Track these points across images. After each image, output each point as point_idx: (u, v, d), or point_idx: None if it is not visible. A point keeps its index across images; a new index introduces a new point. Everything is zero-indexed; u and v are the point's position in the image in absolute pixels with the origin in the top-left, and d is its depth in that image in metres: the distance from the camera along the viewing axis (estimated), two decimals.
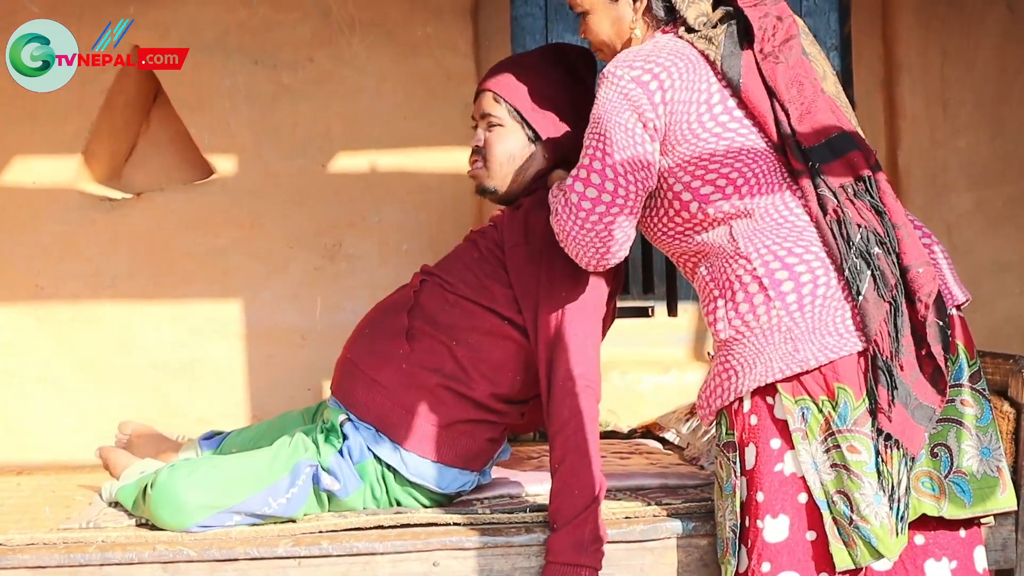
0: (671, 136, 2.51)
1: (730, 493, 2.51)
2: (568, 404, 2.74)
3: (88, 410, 3.90)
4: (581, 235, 2.54)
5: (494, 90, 3.01)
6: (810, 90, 2.54)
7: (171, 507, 2.74)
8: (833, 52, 4.37)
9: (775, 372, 2.40)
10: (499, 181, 3.03)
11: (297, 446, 2.88)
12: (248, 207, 3.97)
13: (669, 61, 2.52)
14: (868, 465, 2.37)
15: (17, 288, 3.92)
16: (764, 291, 2.43)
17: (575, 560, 2.64)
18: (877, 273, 2.41)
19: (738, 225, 2.51)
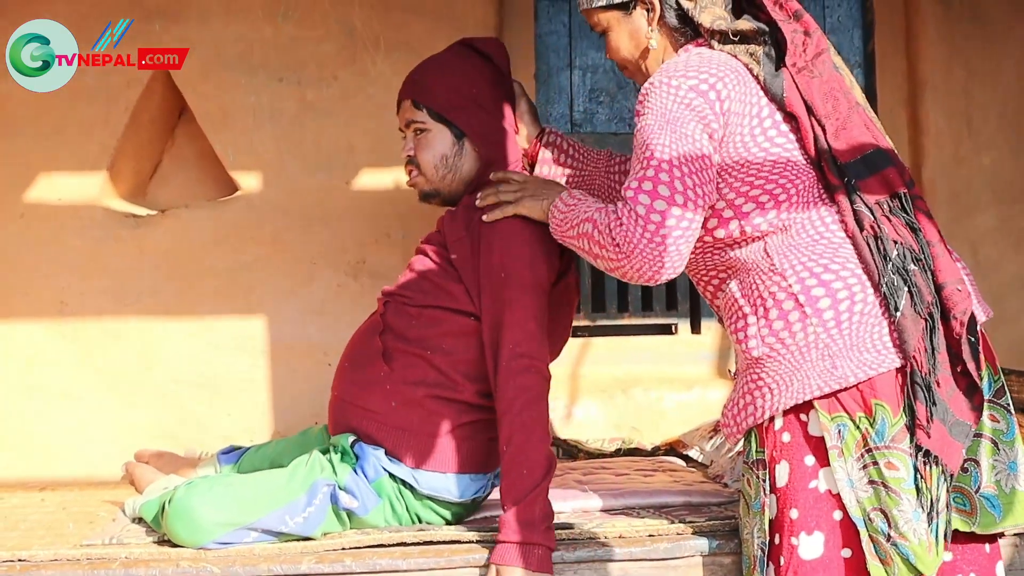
0: (724, 148, 2.47)
1: (758, 511, 2.49)
2: (512, 384, 2.72)
3: (112, 426, 3.90)
4: (650, 249, 2.39)
5: (411, 97, 3.01)
6: (845, 105, 2.51)
7: (187, 524, 2.72)
8: (857, 69, 4.36)
9: (812, 389, 2.37)
10: (437, 184, 3.03)
11: (314, 466, 2.87)
12: (272, 224, 3.97)
13: (721, 72, 2.48)
14: (906, 482, 2.34)
15: (42, 304, 3.91)
16: (800, 308, 2.40)
17: (527, 538, 2.61)
18: (914, 290, 2.38)
19: (773, 241, 2.48)
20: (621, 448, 3.91)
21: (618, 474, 3.43)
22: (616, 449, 3.90)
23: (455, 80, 3.00)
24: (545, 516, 2.65)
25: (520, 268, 2.80)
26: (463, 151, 3.00)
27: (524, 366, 2.73)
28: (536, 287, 2.80)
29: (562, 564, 2.72)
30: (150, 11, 3.92)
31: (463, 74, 3.02)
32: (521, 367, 2.73)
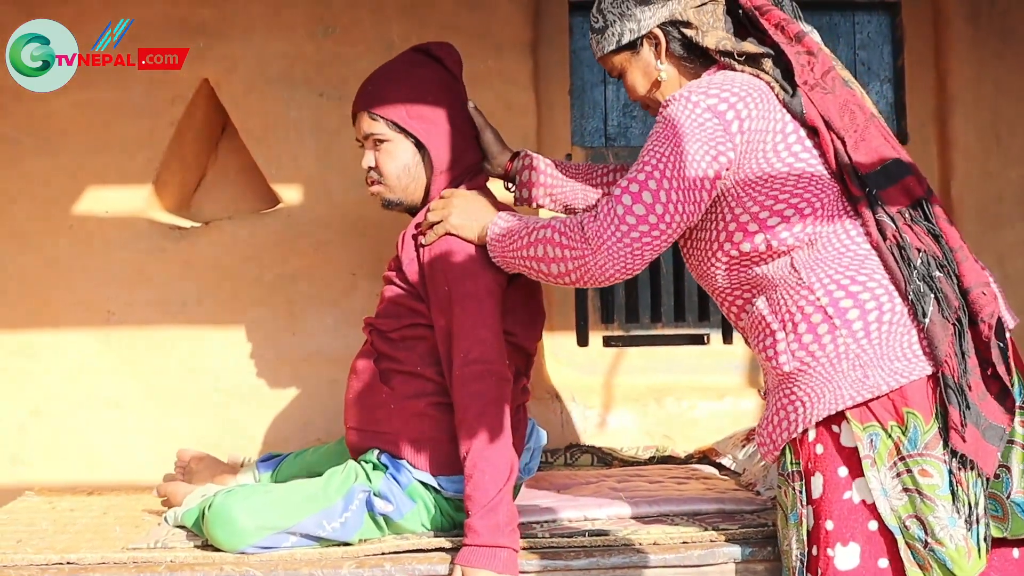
0: (745, 165, 2.48)
1: (796, 522, 2.48)
2: (466, 391, 2.72)
3: (157, 432, 3.91)
4: (617, 248, 2.45)
5: (367, 109, 3.00)
6: (861, 117, 2.52)
7: (226, 528, 2.74)
8: (886, 84, 4.35)
9: (845, 400, 2.36)
10: (400, 194, 3.04)
11: (349, 473, 2.89)
12: (313, 236, 3.98)
13: (744, 91, 2.49)
14: (941, 488, 2.32)
15: (89, 314, 3.94)
16: (829, 320, 2.39)
17: (493, 541, 2.61)
18: (940, 296, 2.37)
19: (799, 256, 2.48)
20: (655, 456, 3.90)
21: (652, 482, 3.44)
22: (650, 457, 3.89)
23: (410, 89, 2.98)
24: (510, 519, 2.65)
25: (461, 279, 2.79)
26: (424, 159, 2.99)
27: (477, 372, 2.73)
28: (480, 294, 2.79)
29: (598, 570, 2.73)
30: (195, 28, 3.95)
31: (418, 80, 3.00)
32: (474, 373, 2.73)
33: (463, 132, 3.03)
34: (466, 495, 2.67)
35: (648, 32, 2.67)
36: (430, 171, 3.00)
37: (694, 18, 2.64)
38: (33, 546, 2.86)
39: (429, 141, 2.96)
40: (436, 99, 3.00)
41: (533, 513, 3.05)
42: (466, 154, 3.04)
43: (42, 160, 3.92)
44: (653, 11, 2.65)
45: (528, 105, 4.05)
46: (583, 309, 4.21)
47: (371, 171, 3.03)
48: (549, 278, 2.63)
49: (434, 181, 3.00)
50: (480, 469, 2.66)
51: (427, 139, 2.96)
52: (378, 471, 2.88)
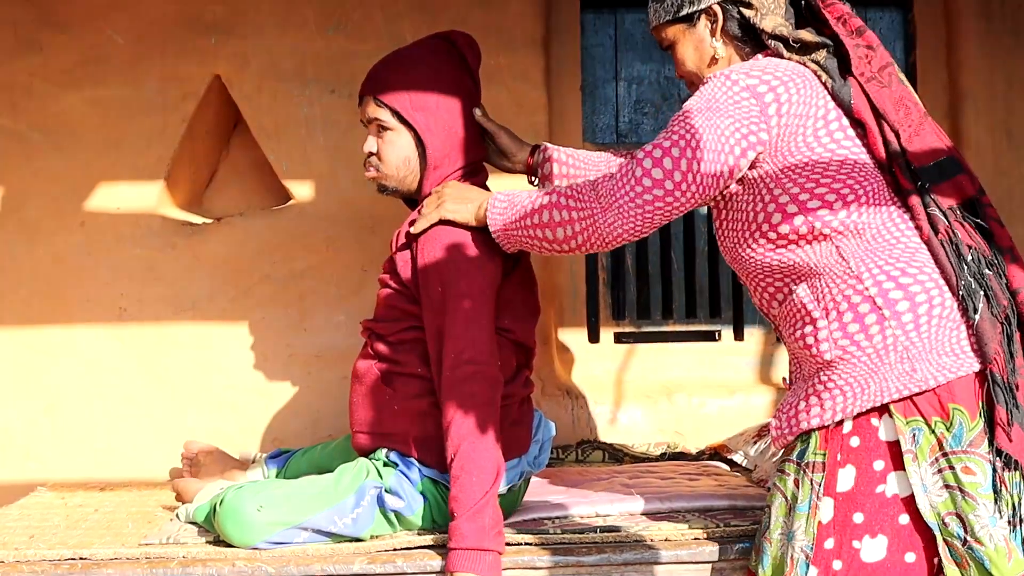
0: (783, 147, 2.47)
1: (806, 512, 2.44)
2: (457, 392, 2.71)
3: (168, 428, 3.91)
4: (629, 207, 2.48)
5: (375, 95, 2.97)
6: (916, 113, 2.51)
7: (237, 523, 2.74)
8: None
9: (891, 392, 2.34)
10: (397, 183, 3.02)
11: (360, 469, 2.88)
12: (324, 232, 3.98)
13: (787, 76, 2.48)
14: (984, 487, 2.31)
15: (101, 310, 3.94)
16: (878, 310, 2.37)
17: (477, 545, 2.61)
18: (990, 293, 2.37)
19: (847, 244, 2.44)
20: (666, 452, 3.90)
21: (664, 478, 3.43)
22: (661, 453, 3.90)
23: (422, 79, 2.95)
24: (495, 522, 2.65)
25: (454, 280, 2.78)
26: (424, 152, 2.96)
27: (469, 373, 2.72)
28: (474, 295, 2.78)
29: (609, 566, 2.73)
30: (207, 25, 3.95)
31: (432, 72, 2.97)
32: (465, 375, 2.72)
33: (467, 128, 3.01)
34: (452, 497, 2.66)
35: (707, 7, 2.64)
36: (425, 165, 2.97)
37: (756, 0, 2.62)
38: (45, 542, 2.87)
39: (426, 135, 2.94)
40: (444, 92, 2.97)
41: (544, 509, 3.05)
42: (466, 151, 3.01)
43: (54, 157, 3.93)
44: None
45: (539, 102, 4.04)
46: (594, 306, 4.21)
47: (371, 156, 3.01)
48: (554, 245, 2.64)
49: (427, 176, 2.97)
50: (467, 471, 2.65)
51: (425, 132, 2.94)
52: (389, 468, 2.88)
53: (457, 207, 2.82)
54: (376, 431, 2.93)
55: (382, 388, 2.93)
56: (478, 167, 3.07)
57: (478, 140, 3.05)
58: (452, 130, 2.96)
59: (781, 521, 2.51)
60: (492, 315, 2.82)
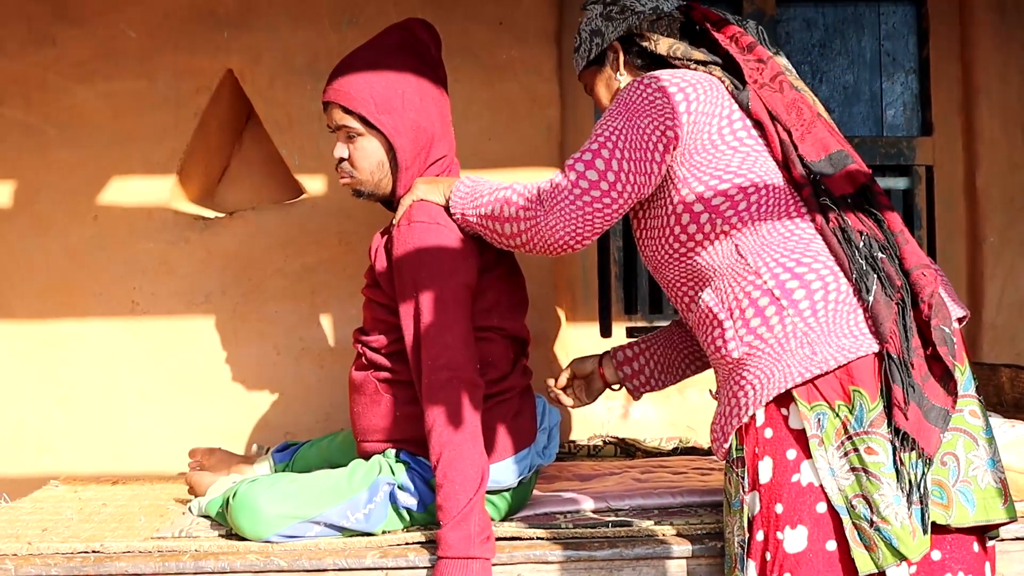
0: (691, 144, 2.60)
1: (738, 509, 2.51)
2: (436, 399, 2.70)
3: (181, 422, 3.94)
4: (569, 211, 2.59)
5: (339, 102, 2.94)
6: (808, 114, 2.65)
7: (250, 516, 2.75)
8: (911, 75, 4.33)
9: (794, 376, 2.40)
10: (372, 187, 3.00)
11: (373, 465, 2.89)
12: (336, 226, 3.99)
13: (695, 79, 2.66)
14: (886, 466, 2.35)
15: (114, 304, 3.96)
16: (776, 301, 2.45)
17: (465, 553, 2.60)
18: (883, 275, 2.43)
19: (745, 241, 2.54)
20: (678, 447, 3.90)
21: (676, 473, 3.44)
22: (673, 448, 3.89)
23: (382, 82, 2.92)
24: (481, 529, 2.64)
25: (428, 284, 2.77)
26: (395, 154, 2.94)
27: (444, 379, 2.71)
28: (446, 299, 2.77)
29: (621, 561, 2.73)
30: (220, 19, 3.96)
31: (390, 74, 2.94)
32: (442, 381, 2.71)
33: (434, 124, 2.98)
34: (437, 505, 2.66)
35: (609, 45, 2.87)
36: (396, 167, 2.95)
37: (648, 30, 2.84)
38: (58, 535, 2.88)
39: (395, 138, 2.91)
40: (408, 89, 2.93)
41: (556, 504, 3.05)
42: (436, 147, 2.99)
43: (67, 150, 3.94)
44: (615, 26, 2.85)
45: (552, 96, 4.03)
46: (606, 300, 4.21)
47: (343, 162, 2.99)
48: (503, 239, 2.74)
49: (400, 177, 2.95)
50: (450, 479, 2.65)
51: (393, 135, 2.91)
52: (400, 465, 2.89)
53: (428, 189, 2.88)
54: (382, 439, 2.94)
55: (382, 396, 2.93)
56: (449, 162, 3.05)
57: (447, 133, 3.03)
58: (420, 127, 2.94)
59: (727, 520, 2.59)
60: (468, 317, 2.82)
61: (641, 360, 3.21)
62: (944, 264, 4.16)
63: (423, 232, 2.81)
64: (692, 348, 3.18)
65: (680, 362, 3.20)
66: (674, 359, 3.20)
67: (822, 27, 4.34)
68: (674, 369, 3.21)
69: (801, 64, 4.32)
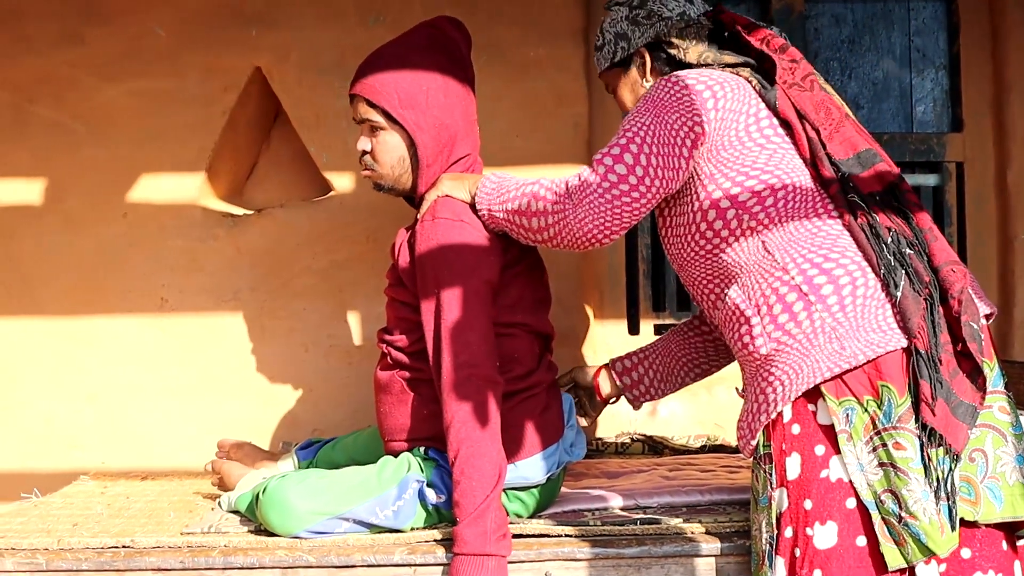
0: (718, 141, 2.64)
1: (765, 505, 2.54)
2: (454, 396, 2.72)
3: (209, 419, 3.97)
4: (597, 204, 2.62)
5: (364, 95, 2.97)
6: (836, 114, 2.68)
7: (280, 512, 2.78)
8: (942, 71, 4.33)
9: (823, 371, 2.42)
10: (392, 181, 3.04)
11: (402, 461, 2.91)
12: (364, 223, 4.01)
13: (721, 78, 2.71)
14: (914, 461, 2.37)
15: (143, 301, 3.99)
16: (804, 297, 2.48)
17: (481, 550, 2.63)
18: (911, 271, 2.46)
19: (772, 238, 2.58)
20: (706, 445, 3.91)
21: (704, 470, 3.46)
22: (701, 446, 3.91)
23: (407, 78, 2.95)
24: (497, 526, 2.67)
25: (449, 281, 2.80)
26: (416, 150, 2.96)
27: (464, 377, 2.73)
28: (467, 296, 2.79)
29: (649, 559, 2.75)
30: (248, 17, 3.99)
31: (416, 70, 2.96)
32: (462, 378, 2.74)
33: (458, 122, 3.00)
34: (454, 501, 2.69)
35: (636, 51, 2.91)
36: (417, 163, 2.98)
37: (677, 38, 2.87)
38: (89, 530, 2.92)
39: (417, 134, 2.94)
40: (433, 87, 2.96)
41: (584, 501, 3.08)
42: (459, 146, 3.01)
43: (96, 148, 3.97)
44: (642, 31, 2.89)
45: (579, 93, 4.05)
46: (634, 297, 4.22)
47: (365, 155, 3.03)
48: (530, 234, 2.76)
49: (421, 174, 2.98)
50: (467, 475, 2.67)
51: (415, 131, 2.94)
52: (429, 462, 2.91)
53: (453, 185, 2.91)
54: (410, 437, 2.97)
55: (409, 396, 2.96)
56: (472, 161, 3.08)
57: (471, 132, 3.06)
58: (443, 125, 2.96)
59: (753, 517, 2.62)
60: (489, 315, 2.84)
61: (640, 369, 3.28)
62: (974, 261, 4.16)
63: (447, 228, 2.84)
64: (691, 356, 3.25)
65: (679, 370, 3.27)
66: (673, 367, 3.26)
67: (851, 23, 4.34)
68: (674, 377, 3.27)
69: (830, 60, 4.32)
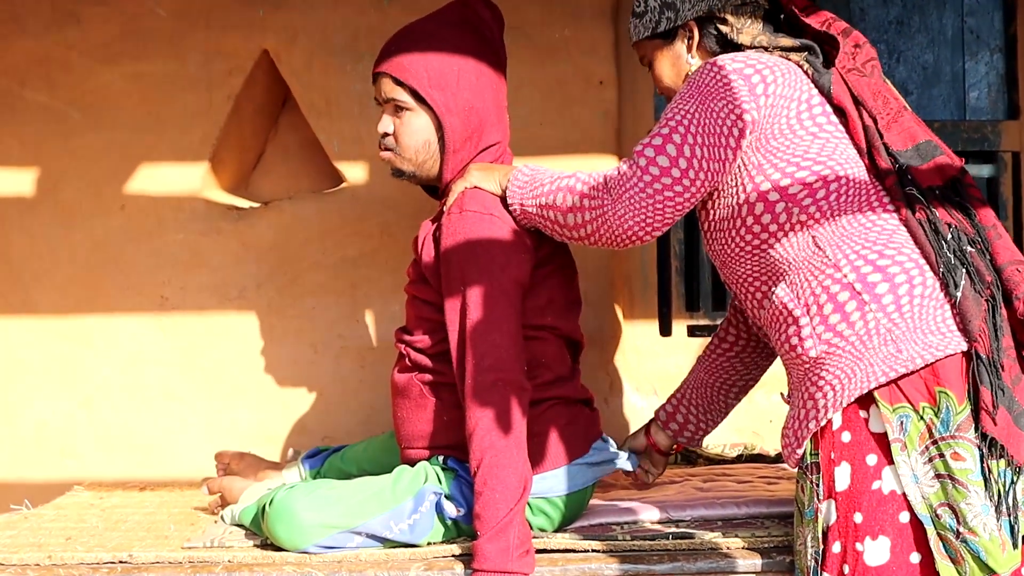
0: (768, 130, 2.59)
1: (811, 518, 2.49)
2: (479, 401, 2.68)
3: (212, 424, 3.94)
4: (639, 199, 2.57)
5: (391, 73, 2.94)
6: (895, 104, 2.64)
7: (288, 525, 2.74)
8: (997, 54, 4.28)
9: (878, 376, 2.37)
10: (414, 167, 3.00)
11: (419, 472, 2.87)
12: (378, 217, 3.97)
13: (772, 62, 2.65)
14: (974, 473, 2.32)
15: (142, 299, 3.96)
16: (857, 296, 2.42)
17: (502, 567, 2.59)
18: (972, 270, 2.41)
19: (823, 232, 2.52)
20: (743, 454, 3.88)
21: (740, 481, 3.42)
22: (738, 455, 3.87)
23: (438, 56, 2.92)
24: (520, 541, 2.63)
25: (476, 279, 2.76)
26: (444, 134, 2.94)
27: (490, 381, 2.70)
28: (495, 295, 2.76)
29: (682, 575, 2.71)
30: None
31: (447, 49, 2.94)
32: (488, 383, 2.70)
33: (489, 106, 2.98)
34: (475, 514, 2.65)
35: (684, 23, 2.83)
36: (444, 148, 2.95)
37: (731, 16, 2.79)
38: (83, 544, 2.88)
39: (446, 116, 2.91)
40: (464, 68, 2.94)
41: (613, 514, 3.04)
42: (487, 132, 2.99)
43: (92, 136, 3.94)
44: (694, 3, 2.81)
45: (609, 77, 3.99)
46: (666, 297, 4.17)
47: (387, 137, 3.00)
48: (564, 230, 2.72)
49: (447, 161, 2.96)
50: (490, 486, 2.63)
51: (444, 113, 2.91)
52: (448, 473, 2.87)
53: (482, 176, 2.88)
54: (429, 445, 2.93)
55: (429, 400, 2.92)
56: (502, 150, 3.05)
57: (501, 119, 3.03)
58: (473, 109, 2.93)
59: (798, 531, 2.57)
60: (517, 316, 2.80)
61: (683, 409, 3.24)
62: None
63: (475, 222, 2.79)
64: (723, 379, 3.21)
65: (718, 397, 3.22)
66: (712, 396, 3.22)
67: (899, 2, 4.30)
68: (717, 405, 3.23)
69: (877, 43, 4.27)
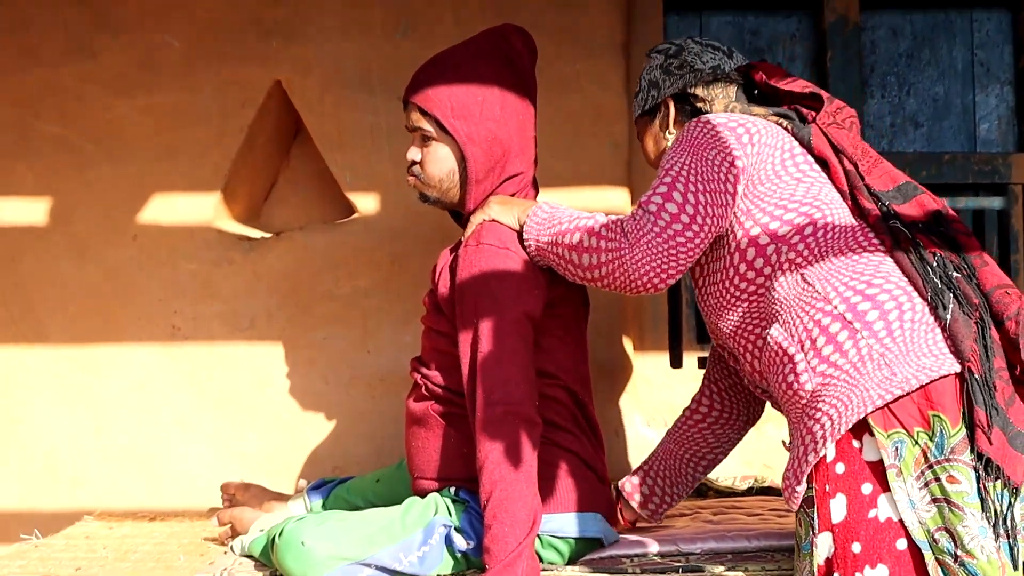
0: (754, 176, 2.69)
1: (807, 552, 2.47)
2: (489, 434, 2.68)
3: (223, 454, 3.94)
4: (655, 244, 2.61)
5: (418, 103, 2.97)
6: (874, 154, 2.73)
7: (297, 556, 2.73)
8: (1007, 87, 4.29)
9: (874, 399, 2.37)
10: (439, 194, 3.03)
11: (429, 504, 2.87)
12: (389, 247, 3.98)
13: (752, 119, 2.78)
14: (970, 495, 2.32)
15: (153, 328, 3.97)
16: (848, 325, 2.44)
17: None
18: (959, 294, 2.44)
19: (811, 270, 2.56)
20: (753, 487, 3.87)
21: (751, 514, 3.41)
22: (748, 488, 3.86)
23: (462, 86, 2.95)
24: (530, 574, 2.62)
25: (489, 312, 2.77)
26: (467, 163, 2.95)
27: (501, 414, 2.70)
28: (514, 328, 2.77)
29: None
30: (268, 28, 3.97)
31: (473, 79, 2.96)
32: (498, 415, 2.70)
33: (512, 138, 2.99)
34: (484, 547, 2.64)
35: (662, 100, 2.98)
36: (467, 178, 2.97)
37: (703, 92, 2.93)
38: (93, 574, 2.88)
39: (468, 147, 2.93)
40: (488, 99, 2.95)
41: (622, 546, 3.03)
42: (511, 162, 3.00)
43: (105, 167, 3.96)
44: (672, 82, 2.96)
45: (620, 110, 4.00)
46: (677, 329, 4.18)
47: (414, 165, 3.03)
48: (578, 271, 2.74)
49: (470, 190, 2.98)
50: (499, 520, 2.63)
51: (467, 144, 2.93)
52: (459, 505, 2.87)
53: (501, 210, 2.91)
54: (441, 476, 2.94)
55: (445, 431, 2.93)
56: (526, 181, 3.06)
57: (526, 149, 3.04)
58: (495, 139, 2.95)
59: (796, 565, 2.57)
60: (529, 350, 2.81)
61: (648, 481, 3.26)
62: None
63: (491, 256, 2.81)
64: (693, 450, 3.24)
65: (686, 468, 3.25)
66: (682, 469, 3.25)
67: (910, 35, 4.31)
68: (684, 478, 3.26)
69: (887, 75, 4.29)
